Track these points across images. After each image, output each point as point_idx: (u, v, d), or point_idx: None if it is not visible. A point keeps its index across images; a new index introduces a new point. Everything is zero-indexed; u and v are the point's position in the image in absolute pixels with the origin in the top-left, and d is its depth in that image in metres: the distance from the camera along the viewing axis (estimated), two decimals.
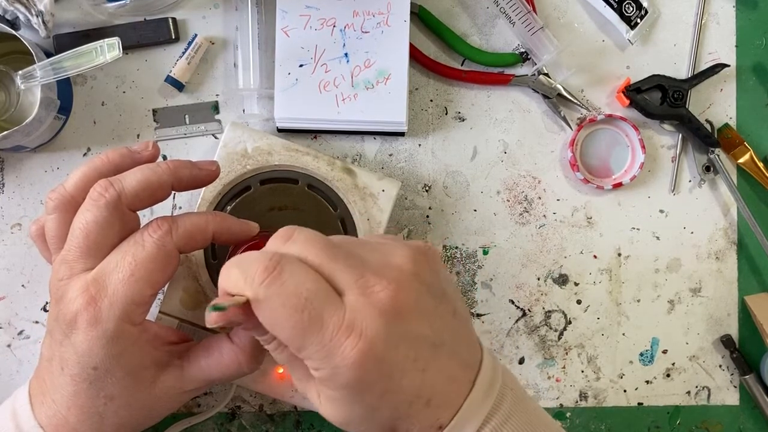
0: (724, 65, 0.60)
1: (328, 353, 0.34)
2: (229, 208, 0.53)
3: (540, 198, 0.60)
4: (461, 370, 0.38)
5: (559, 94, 0.59)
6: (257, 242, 0.47)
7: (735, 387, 0.61)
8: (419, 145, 0.59)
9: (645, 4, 0.59)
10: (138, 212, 0.44)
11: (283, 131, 0.58)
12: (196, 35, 0.57)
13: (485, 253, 0.59)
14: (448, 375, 0.37)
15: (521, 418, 0.38)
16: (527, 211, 0.60)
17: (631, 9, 0.58)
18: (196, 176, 0.45)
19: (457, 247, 0.59)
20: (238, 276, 0.35)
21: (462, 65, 0.59)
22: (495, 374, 0.39)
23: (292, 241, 0.37)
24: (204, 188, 0.53)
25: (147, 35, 0.57)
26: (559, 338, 0.60)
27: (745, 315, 0.61)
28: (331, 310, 0.35)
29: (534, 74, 0.59)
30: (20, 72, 0.51)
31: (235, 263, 0.36)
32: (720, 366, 0.61)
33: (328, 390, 0.36)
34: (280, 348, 0.38)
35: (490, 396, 0.38)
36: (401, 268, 0.37)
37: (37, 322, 0.57)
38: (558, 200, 0.60)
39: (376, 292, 0.35)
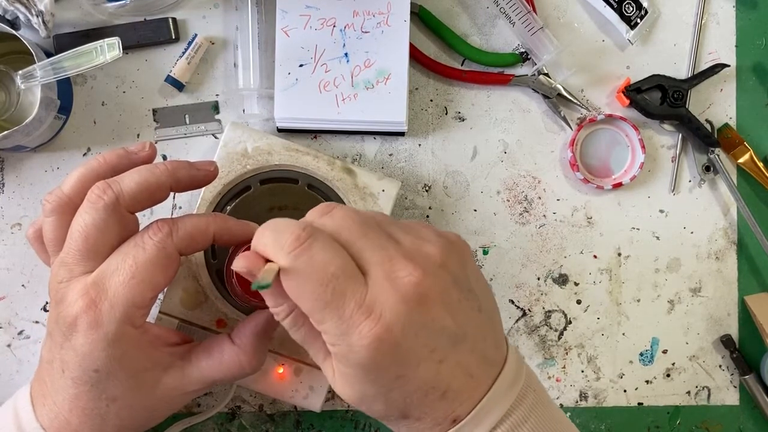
0: (724, 65, 0.60)
1: (345, 330, 0.35)
2: (229, 208, 0.53)
3: (540, 198, 0.60)
4: (482, 366, 0.38)
5: (559, 94, 0.59)
6: None
7: (735, 387, 0.61)
8: (419, 145, 0.59)
9: (645, 4, 0.59)
10: (137, 213, 0.44)
11: (283, 131, 0.58)
12: (196, 35, 0.57)
13: (485, 253, 0.59)
14: (466, 370, 0.37)
15: (540, 420, 0.38)
16: (527, 211, 0.60)
17: (631, 9, 0.58)
18: (195, 177, 0.45)
19: None
20: (271, 240, 0.36)
21: (462, 65, 0.59)
22: (518, 374, 0.39)
23: (329, 215, 0.38)
24: (204, 188, 0.52)
25: (147, 35, 0.57)
26: (559, 338, 0.60)
27: (745, 315, 0.61)
28: (353, 289, 0.35)
29: (534, 74, 0.59)
30: (20, 72, 0.51)
31: (271, 227, 0.37)
32: (720, 366, 0.61)
33: (343, 366, 0.36)
34: (297, 325, 0.38)
35: (510, 395, 0.38)
36: (430, 256, 0.37)
37: (37, 322, 0.57)
38: (558, 200, 0.60)
39: (401, 278, 0.35)
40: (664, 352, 0.60)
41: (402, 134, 0.58)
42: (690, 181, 0.61)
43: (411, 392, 0.36)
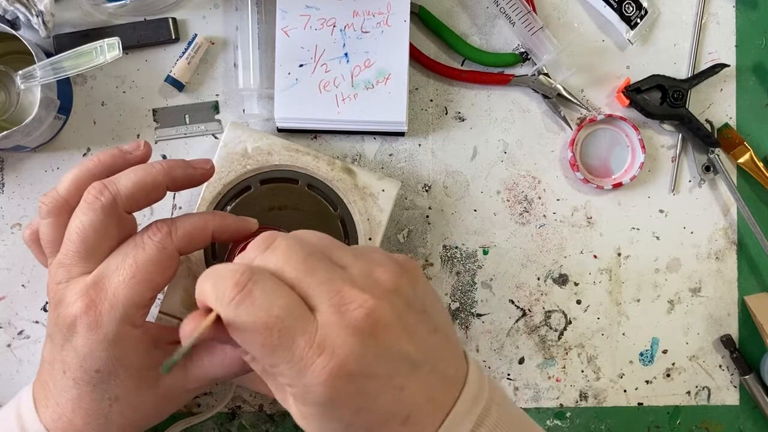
0: (724, 65, 0.60)
1: (299, 371, 0.33)
2: (229, 208, 0.53)
3: (540, 198, 0.60)
4: (443, 387, 0.37)
5: (559, 94, 0.59)
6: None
7: (735, 387, 0.61)
8: (419, 145, 0.59)
9: (645, 4, 0.59)
10: (137, 213, 0.44)
11: (283, 131, 0.58)
12: (196, 35, 0.57)
13: (485, 253, 0.59)
14: (427, 393, 0.36)
15: (507, 430, 0.37)
16: (527, 211, 0.60)
17: (631, 9, 0.58)
18: (191, 175, 0.45)
19: (457, 247, 0.59)
20: (210, 289, 0.35)
21: (462, 65, 0.59)
22: (480, 390, 0.38)
23: (271, 250, 0.36)
24: (204, 188, 0.53)
25: (147, 35, 0.57)
26: (559, 338, 0.60)
27: (745, 315, 0.61)
28: (302, 328, 0.34)
29: (534, 74, 0.59)
30: (20, 72, 0.51)
31: (209, 276, 0.36)
32: (720, 366, 0.61)
33: (302, 406, 0.35)
34: (255, 360, 0.37)
35: (473, 413, 0.37)
36: (382, 282, 0.36)
37: (37, 322, 0.58)
38: (558, 200, 0.60)
39: (351, 310, 0.34)
40: (664, 352, 0.60)
41: (402, 134, 0.58)
42: (690, 181, 0.61)
43: (372, 423, 0.35)
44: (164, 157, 0.58)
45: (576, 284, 0.60)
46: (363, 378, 0.34)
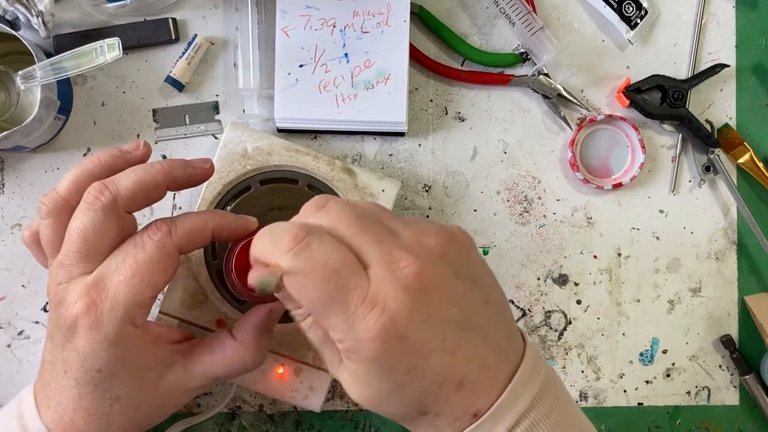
0: (724, 65, 0.60)
1: (351, 325, 0.34)
2: (229, 208, 0.53)
3: (540, 198, 0.60)
4: (496, 358, 0.37)
5: (559, 94, 0.59)
6: None
7: (735, 387, 0.61)
8: (419, 145, 0.59)
9: (645, 4, 0.59)
10: (137, 212, 0.44)
11: (283, 131, 0.58)
12: (196, 35, 0.57)
13: (485, 253, 0.59)
14: (480, 361, 0.36)
15: (560, 417, 0.38)
16: (527, 211, 0.60)
17: (631, 9, 0.58)
18: (191, 175, 0.45)
19: None
20: (269, 244, 0.36)
21: (462, 65, 0.59)
22: (536, 369, 0.38)
23: (324, 211, 0.38)
24: (204, 188, 0.53)
25: (147, 35, 0.57)
26: (559, 338, 0.60)
27: (745, 315, 0.61)
28: (355, 283, 0.35)
29: (534, 74, 0.59)
30: (20, 72, 0.51)
31: (267, 232, 0.37)
32: (720, 366, 0.61)
33: (353, 364, 0.36)
34: (314, 327, 0.38)
35: (530, 390, 0.37)
36: (429, 247, 0.37)
37: (37, 322, 0.58)
38: (558, 200, 0.60)
39: (401, 268, 0.35)
40: (664, 352, 0.60)
41: (402, 134, 0.58)
42: (690, 181, 0.61)
43: (426, 385, 0.36)
44: (164, 157, 0.58)
45: (576, 284, 0.60)
46: (413, 336, 0.35)
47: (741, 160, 0.60)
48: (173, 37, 0.57)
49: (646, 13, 0.59)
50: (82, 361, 0.40)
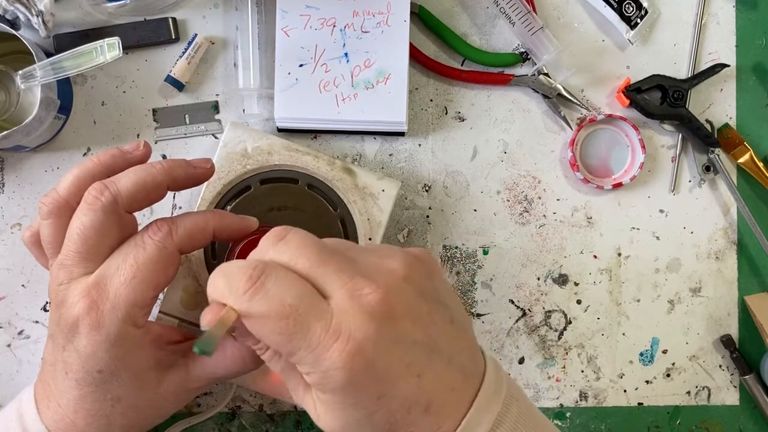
0: (724, 65, 0.60)
1: (317, 357, 0.34)
2: (229, 208, 0.53)
3: (540, 198, 0.60)
4: (461, 378, 0.37)
5: (559, 94, 0.59)
6: (257, 237, 0.46)
7: (735, 387, 0.61)
8: (419, 145, 0.59)
9: (645, 4, 0.59)
10: (137, 212, 0.44)
11: (283, 131, 0.58)
12: (196, 35, 0.57)
13: (485, 253, 0.59)
14: (446, 383, 0.36)
15: (527, 430, 0.38)
16: (527, 211, 0.60)
17: (631, 9, 0.58)
18: (191, 175, 0.45)
19: (457, 247, 0.59)
20: (224, 286, 0.35)
21: (462, 65, 0.59)
22: (499, 385, 0.38)
23: (284, 243, 0.37)
24: (204, 188, 0.53)
25: (147, 35, 0.57)
26: (559, 338, 0.60)
27: (745, 315, 0.61)
28: (316, 315, 0.34)
29: (534, 74, 0.59)
30: (20, 72, 0.51)
31: (221, 273, 0.36)
32: (720, 366, 0.61)
33: (322, 395, 0.36)
34: (275, 358, 0.38)
35: (494, 407, 0.37)
36: (393, 271, 0.37)
37: (37, 322, 0.57)
38: (558, 200, 0.60)
39: (365, 295, 0.35)
40: (664, 352, 0.60)
41: (402, 134, 0.58)
42: (690, 181, 0.61)
43: (394, 410, 0.35)
44: (164, 157, 0.58)
45: (576, 284, 0.60)
46: (380, 362, 0.34)
47: (741, 160, 0.60)
48: (173, 37, 0.57)
49: (646, 13, 0.59)
50: (83, 362, 0.40)
